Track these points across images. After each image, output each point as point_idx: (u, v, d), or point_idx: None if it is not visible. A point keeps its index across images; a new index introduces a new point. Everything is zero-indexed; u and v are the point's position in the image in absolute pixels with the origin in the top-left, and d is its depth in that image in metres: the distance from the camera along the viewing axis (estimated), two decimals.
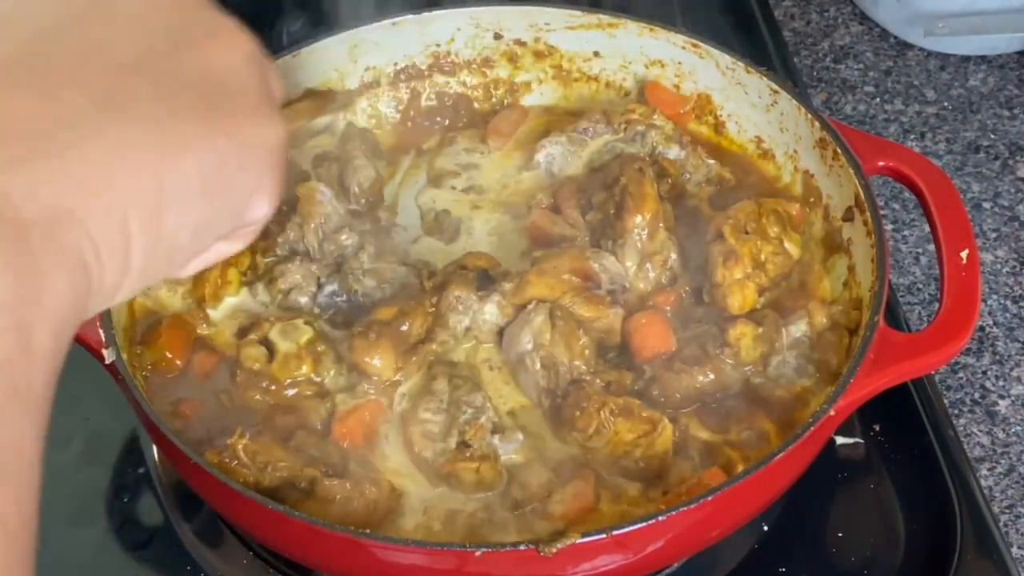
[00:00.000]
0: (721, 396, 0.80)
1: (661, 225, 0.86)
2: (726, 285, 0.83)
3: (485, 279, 0.84)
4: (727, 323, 0.82)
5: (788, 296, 0.86)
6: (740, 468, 0.75)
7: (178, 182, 0.38)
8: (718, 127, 0.99)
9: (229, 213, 0.41)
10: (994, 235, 1.15)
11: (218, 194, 0.40)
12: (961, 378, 1.04)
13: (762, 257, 0.84)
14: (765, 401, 0.79)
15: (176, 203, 0.38)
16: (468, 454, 0.75)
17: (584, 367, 0.80)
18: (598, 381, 0.79)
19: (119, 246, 0.36)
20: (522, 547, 0.65)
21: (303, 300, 0.85)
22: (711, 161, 0.94)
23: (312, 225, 0.87)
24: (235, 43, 0.43)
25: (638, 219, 0.85)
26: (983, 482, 0.94)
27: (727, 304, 0.83)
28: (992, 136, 1.25)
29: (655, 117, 0.96)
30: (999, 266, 1.13)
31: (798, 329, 0.81)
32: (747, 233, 0.84)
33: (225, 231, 0.42)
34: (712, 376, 0.80)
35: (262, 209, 0.43)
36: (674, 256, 0.86)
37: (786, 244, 0.85)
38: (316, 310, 0.85)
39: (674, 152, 0.94)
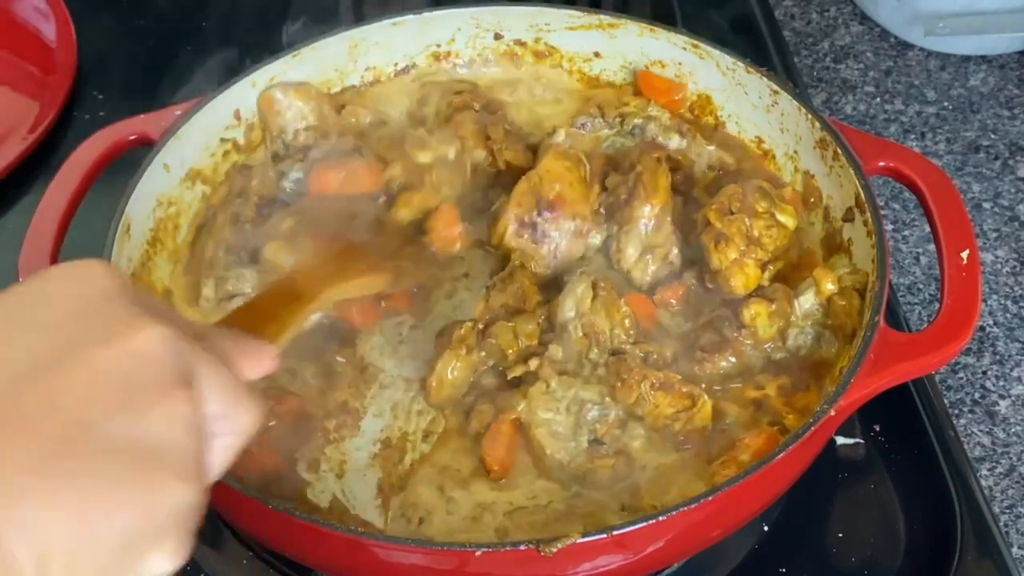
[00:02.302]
0: (747, 375, 0.81)
1: (669, 219, 0.86)
2: (725, 268, 0.83)
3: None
4: (739, 305, 0.82)
5: (794, 269, 0.86)
6: (789, 418, 0.77)
7: (92, 536, 0.43)
8: (718, 127, 0.99)
9: (133, 568, 0.45)
10: (994, 235, 1.15)
11: (127, 551, 0.44)
12: (961, 378, 1.04)
13: (755, 233, 0.83)
14: (790, 371, 0.81)
15: (89, 557, 0.42)
16: (603, 451, 0.76)
17: (624, 336, 0.81)
18: (637, 352, 0.80)
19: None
20: (522, 547, 0.65)
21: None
22: (711, 147, 0.95)
23: (275, 133, 0.94)
24: (175, 411, 0.46)
25: (647, 208, 0.86)
26: (983, 482, 0.94)
27: (732, 287, 0.83)
28: (992, 136, 1.25)
29: (650, 108, 0.96)
30: (999, 266, 1.13)
31: (807, 300, 0.81)
32: (732, 213, 0.84)
33: None
34: (734, 360, 0.81)
35: (164, 567, 0.46)
36: (676, 251, 0.87)
37: (778, 216, 0.85)
38: None
39: (675, 141, 0.95)
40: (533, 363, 0.79)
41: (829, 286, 0.81)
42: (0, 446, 0.42)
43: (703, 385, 0.79)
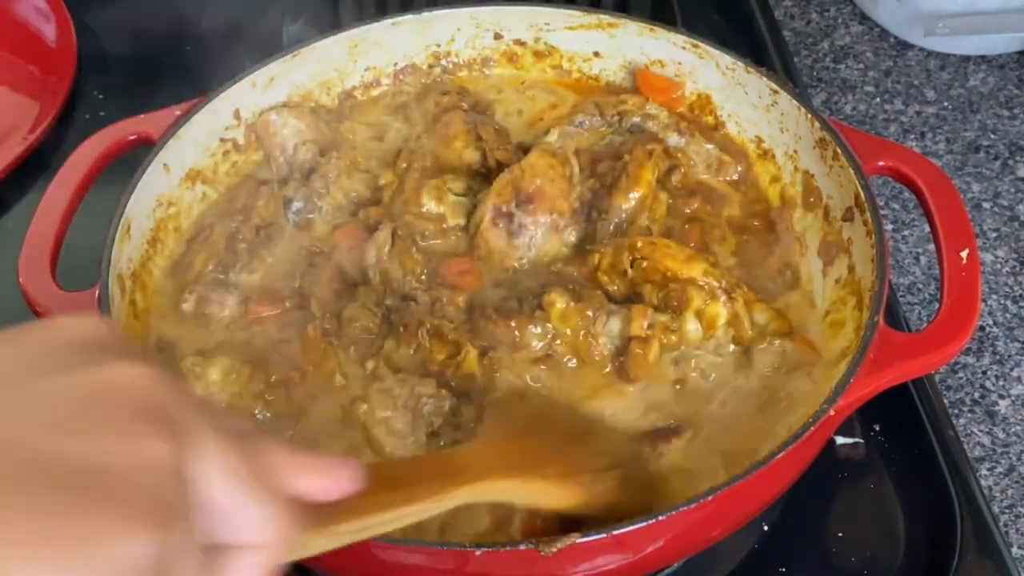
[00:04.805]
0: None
1: (645, 212, 0.88)
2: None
3: None
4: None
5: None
6: None
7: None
8: (718, 127, 0.99)
9: None
10: (994, 235, 1.15)
11: None
12: (961, 378, 1.04)
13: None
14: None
15: None
16: (441, 443, 0.77)
17: (415, 283, 0.84)
18: (427, 298, 0.82)
19: None
20: (522, 547, 0.65)
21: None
22: (709, 146, 0.95)
23: (276, 153, 0.94)
24: (139, 446, 0.37)
25: (625, 201, 0.87)
26: (983, 482, 0.94)
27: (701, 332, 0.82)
28: (992, 136, 1.25)
29: (649, 106, 0.96)
30: (999, 266, 1.13)
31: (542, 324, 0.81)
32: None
33: None
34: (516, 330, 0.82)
35: None
36: None
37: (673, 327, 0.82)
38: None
39: (673, 140, 0.95)
40: (370, 364, 0.80)
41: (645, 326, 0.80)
42: None
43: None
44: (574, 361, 0.81)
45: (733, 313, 0.81)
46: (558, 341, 0.81)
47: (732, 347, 0.82)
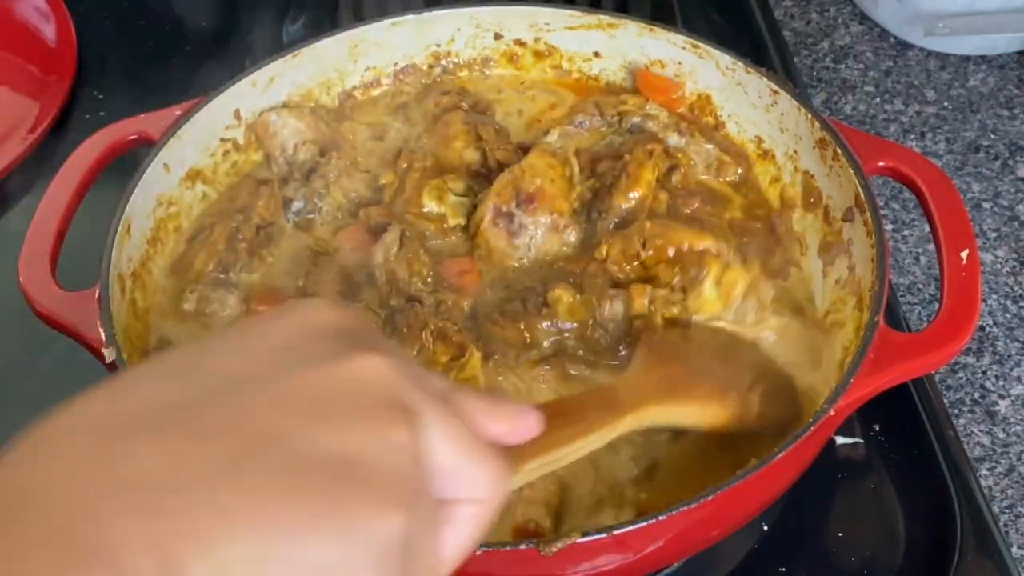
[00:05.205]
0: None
1: (645, 213, 0.88)
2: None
3: None
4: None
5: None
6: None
7: (280, 559, 0.38)
8: (718, 127, 0.99)
9: None
10: (994, 235, 1.15)
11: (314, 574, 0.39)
12: (961, 378, 1.04)
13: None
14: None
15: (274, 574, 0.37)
16: None
17: (421, 285, 0.84)
18: (432, 299, 0.82)
19: None
20: (522, 546, 0.65)
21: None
22: (709, 146, 0.95)
23: (276, 154, 0.93)
24: (386, 433, 0.41)
25: (625, 200, 0.87)
26: (983, 482, 0.94)
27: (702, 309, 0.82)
28: (992, 136, 1.25)
29: (648, 106, 0.96)
30: (999, 266, 1.13)
31: (616, 308, 0.81)
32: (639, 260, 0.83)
33: None
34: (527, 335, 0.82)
35: None
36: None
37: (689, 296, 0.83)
38: None
39: (673, 140, 0.95)
40: None
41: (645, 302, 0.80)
42: (174, 452, 0.37)
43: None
44: (580, 351, 0.82)
45: (751, 280, 0.81)
46: (568, 335, 0.81)
47: (753, 312, 0.81)
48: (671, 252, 0.82)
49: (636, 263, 0.84)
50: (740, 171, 0.95)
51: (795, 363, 0.80)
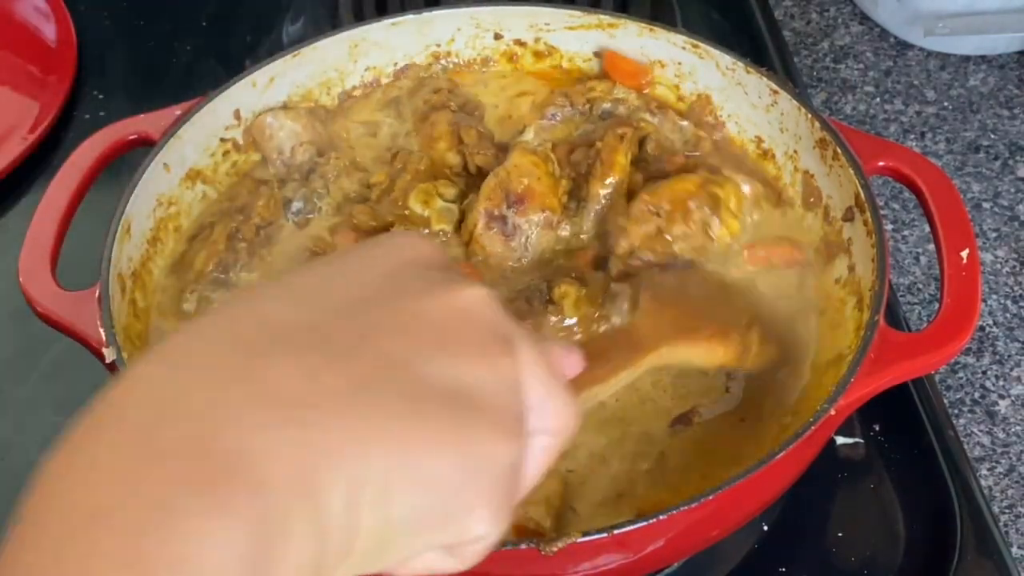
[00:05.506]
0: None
1: (623, 195, 0.88)
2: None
3: None
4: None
5: None
6: None
7: (409, 475, 0.39)
8: (718, 127, 0.99)
9: (447, 522, 0.41)
10: (994, 235, 1.15)
11: (440, 499, 0.41)
12: (961, 378, 1.04)
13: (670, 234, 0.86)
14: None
15: (403, 495, 0.39)
16: None
17: None
18: None
19: (349, 523, 0.38)
20: (523, 546, 0.65)
21: None
22: (684, 123, 0.95)
23: (274, 156, 0.93)
24: (496, 364, 0.44)
25: (603, 187, 0.88)
26: (983, 482, 0.94)
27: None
28: (992, 136, 1.25)
29: (616, 90, 0.97)
30: (999, 266, 1.13)
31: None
32: (657, 215, 0.86)
33: (439, 542, 0.42)
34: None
35: (479, 528, 0.42)
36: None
37: (714, 230, 0.87)
38: None
39: (646, 120, 0.95)
40: None
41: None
42: (307, 369, 0.38)
43: None
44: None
45: (754, 192, 0.86)
46: (577, 330, 0.81)
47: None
48: (691, 204, 0.85)
49: (658, 235, 0.85)
50: (717, 138, 0.97)
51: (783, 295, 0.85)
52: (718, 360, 0.76)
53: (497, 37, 1.03)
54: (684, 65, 0.99)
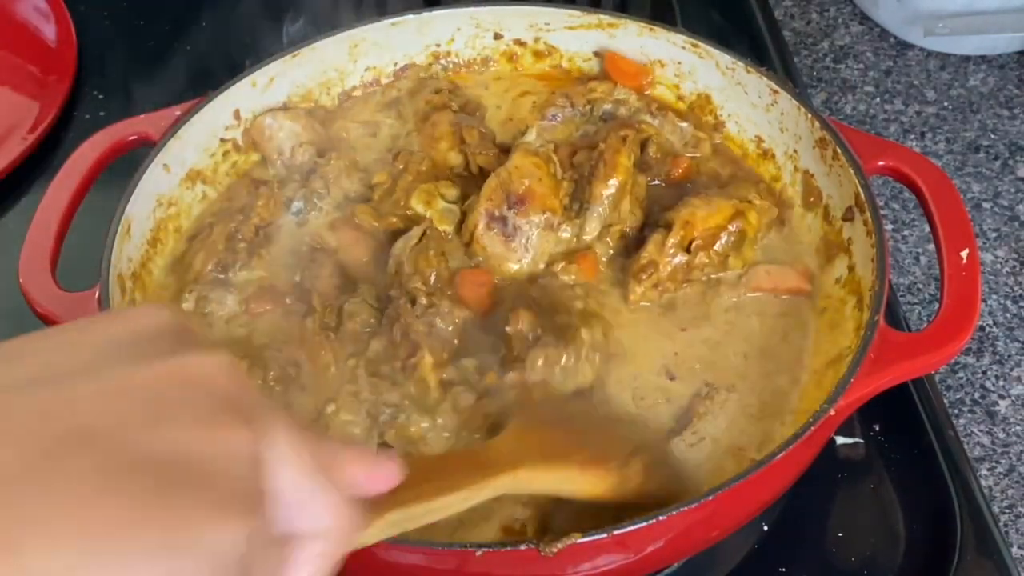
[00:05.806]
0: None
1: (628, 197, 0.88)
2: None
3: None
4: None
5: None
6: None
7: (100, 560, 0.34)
8: (718, 127, 0.99)
9: None
10: (994, 235, 1.15)
11: None
12: (961, 378, 1.04)
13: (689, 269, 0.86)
14: None
15: None
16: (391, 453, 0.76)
17: (421, 285, 0.83)
18: (424, 301, 0.82)
19: None
20: (523, 547, 0.65)
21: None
22: (683, 124, 0.96)
23: (274, 157, 0.94)
24: (223, 436, 0.38)
25: (606, 188, 0.88)
26: (983, 482, 0.94)
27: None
28: (992, 136, 1.25)
29: (617, 91, 0.97)
30: (999, 266, 1.13)
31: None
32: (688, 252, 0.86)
33: None
34: None
35: None
36: (634, 228, 0.89)
37: (730, 261, 0.87)
38: None
39: (647, 122, 0.95)
40: (351, 363, 0.80)
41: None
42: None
43: None
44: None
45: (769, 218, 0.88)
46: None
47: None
48: (722, 237, 0.86)
49: (685, 260, 0.86)
50: (716, 141, 0.97)
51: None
52: (589, 490, 0.69)
53: (497, 37, 1.03)
54: (684, 65, 0.99)
